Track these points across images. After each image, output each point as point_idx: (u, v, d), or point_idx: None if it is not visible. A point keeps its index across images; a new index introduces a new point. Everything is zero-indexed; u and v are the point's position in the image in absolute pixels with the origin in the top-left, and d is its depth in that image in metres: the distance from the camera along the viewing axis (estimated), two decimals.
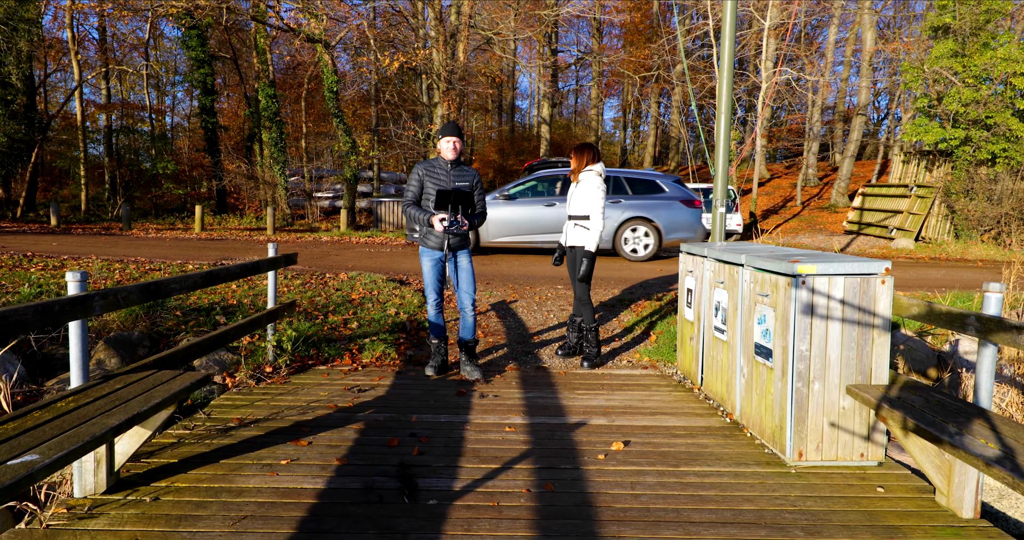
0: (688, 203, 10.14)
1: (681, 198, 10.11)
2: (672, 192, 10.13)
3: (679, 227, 10.02)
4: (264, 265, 4.40)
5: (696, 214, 10.13)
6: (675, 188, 10.22)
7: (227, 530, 2.43)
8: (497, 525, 2.52)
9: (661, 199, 10.10)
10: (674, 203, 10.02)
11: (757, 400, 3.52)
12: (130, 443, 2.69)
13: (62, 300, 2.39)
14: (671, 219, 9.99)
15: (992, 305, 2.62)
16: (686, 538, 2.45)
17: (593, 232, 4.80)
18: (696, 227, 10.10)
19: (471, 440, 3.44)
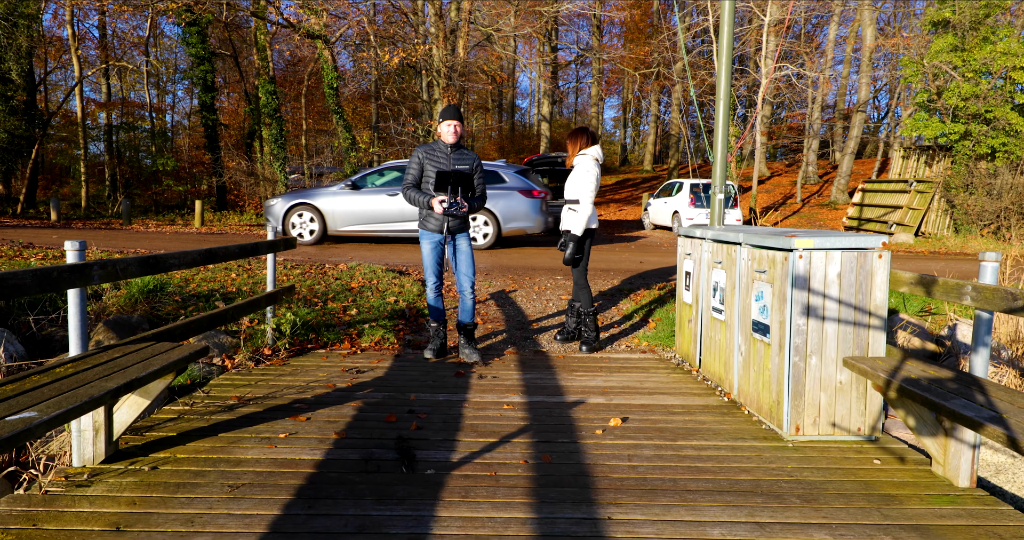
0: (527, 193, 10.25)
1: (520, 188, 10.24)
2: (512, 183, 10.27)
3: (517, 217, 10.18)
4: (263, 247, 4.41)
5: (535, 204, 10.24)
6: (516, 179, 10.36)
7: (225, 496, 2.44)
8: (494, 492, 2.53)
9: (501, 189, 10.24)
10: (513, 194, 10.15)
11: (755, 377, 3.52)
12: (128, 413, 2.69)
13: (60, 267, 2.40)
14: (509, 209, 10.14)
15: (988, 274, 2.63)
16: (683, 505, 2.46)
17: (581, 215, 4.79)
18: (534, 217, 10.20)
19: (469, 417, 3.44)
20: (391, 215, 10.11)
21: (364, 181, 10.42)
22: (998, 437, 2.03)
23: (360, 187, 10.29)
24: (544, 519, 2.32)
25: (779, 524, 2.32)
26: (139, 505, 2.35)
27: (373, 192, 10.23)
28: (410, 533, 2.20)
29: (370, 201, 10.17)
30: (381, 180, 10.44)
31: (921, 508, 2.46)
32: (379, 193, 10.20)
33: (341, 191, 10.22)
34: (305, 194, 10.30)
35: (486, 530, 2.23)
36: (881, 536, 2.24)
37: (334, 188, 10.30)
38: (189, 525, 2.21)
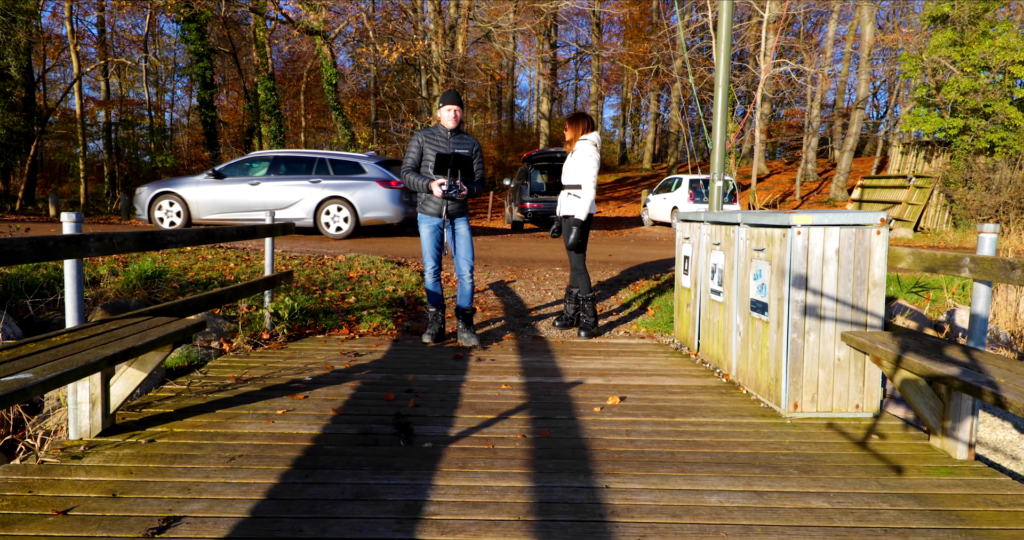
0: (385, 184, 10.39)
1: (379, 179, 10.38)
2: (371, 173, 10.42)
3: (374, 207, 10.33)
4: (261, 230, 4.40)
5: (393, 195, 10.39)
6: (376, 170, 10.50)
7: (222, 467, 2.43)
8: (492, 464, 2.53)
9: (360, 180, 10.39)
10: (371, 184, 10.29)
11: (753, 356, 3.52)
12: (125, 385, 2.69)
13: (57, 236, 2.39)
14: (367, 199, 10.26)
15: (986, 245, 2.62)
16: (680, 475, 2.45)
17: (584, 201, 4.80)
18: (391, 206, 10.36)
19: (467, 396, 3.44)
20: (254, 204, 10.24)
21: (228, 171, 10.56)
22: (996, 400, 2.03)
23: (224, 177, 10.41)
24: (541, 487, 2.31)
25: (777, 493, 2.31)
26: (135, 474, 2.34)
27: (236, 182, 10.35)
28: (407, 500, 2.19)
29: (233, 190, 10.28)
30: (244, 170, 10.58)
31: (919, 478, 2.45)
32: (242, 182, 10.32)
33: (205, 180, 10.34)
34: (170, 183, 10.40)
35: (483, 498, 2.22)
36: (879, 503, 2.23)
37: (199, 178, 10.43)
38: (186, 492, 2.21)
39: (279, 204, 10.13)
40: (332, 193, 10.20)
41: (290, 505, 2.13)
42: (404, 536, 1.95)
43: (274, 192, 10.21)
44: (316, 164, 10.50)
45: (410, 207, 10.68)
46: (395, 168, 10.82)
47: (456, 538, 1.95)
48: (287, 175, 10.42)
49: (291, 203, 10.17)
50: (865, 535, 2.01)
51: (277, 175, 10.39)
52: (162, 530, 1.95)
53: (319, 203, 10.22)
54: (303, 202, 10.15)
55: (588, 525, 2.04)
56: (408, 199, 10.66)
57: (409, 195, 10.72)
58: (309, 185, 10.21)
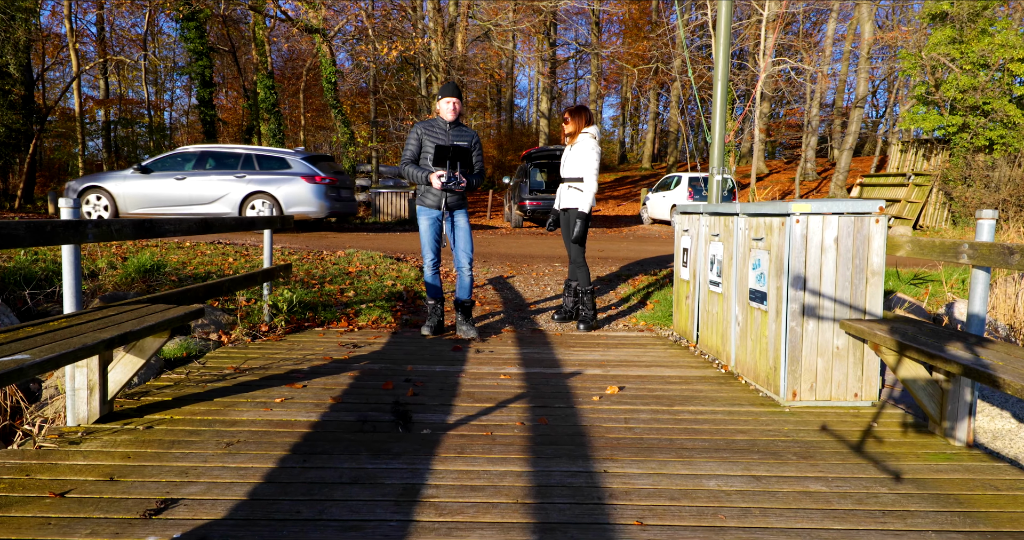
0: (309, 179, 10.46)
1: (304, 174, 10.45)
2: (297, 169, 10.49)
3: (298, 202, 10.37)
4: (260, 222, 4.40)
5: (318, 190, 10.46)
6: (301, 165, 10.57)
7: (220, 452, 2.43)
8: (490, 449, 2.52)
9: (284, 175, 10.47)
10: (296, 179, 10.36)
11: (752, 345, 3.52)
12: (123, 372, 2.68)
13: (54, 221, 2.39)
14: (291, 194, 10.30)
15: (985, 231, 2.62)
16: (679, 460, 2.45)
17: (587, 194, 4.80)
18: (315, 201, 10.43)
19: (465, 385, 3.44)
20: (180, 199, 10.32)
21: (155, 165, 10.62)
22: (992, 382, 2.03)
23: (151, 171, 10.47)
24: (540, 472, 2.31)
25: (775, 477, 2.31)
26: (133, 459, 2.34)
27: (163, 176, 10.41)
28: (405, 483, 2.19)
29: (159, 185, 10.34)
30: (171, 165, 10.63)
31: (918, 464, 2.45)
32: (168, 177, 10.39)
33: (132, 175, 10.39)
34: (97, 177, 10.45)
35: (481, 481, 2.22)
36: (877, 487, 2.23)
37: (126, 172, 10.47)
38: (183, 476, 2.21)
39: (204, 199, 10.19)
40: (257, 188, 10.25)
41: (288, 488, 2.13)
42: (402, 517, 1.95)
43: (200, 187, 10.25)
44: (242, 159, 10.59)
45: (336, 202, 10.77)
46: (322, 164, 10.92)
47: (454, 519, 1.95)
48: (213, 170, 10.49)
49: (216, 198, 10.21)
50: (864, 517, 2.01)
51: (203, 170, 10.44)
52: (159, 511, 1.95)
53: (244, 198, 10.26)
54: (228, 197, 10.19)
55: (586, 507, 2.04)
56: (334, 194, 10.75)
57: (335, 190, 10.82)
58: (234, 180, 10.28)
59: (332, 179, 10.67)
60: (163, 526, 1.86)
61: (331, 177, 10.68)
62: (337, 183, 10.82)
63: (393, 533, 1.85)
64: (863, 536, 1.90)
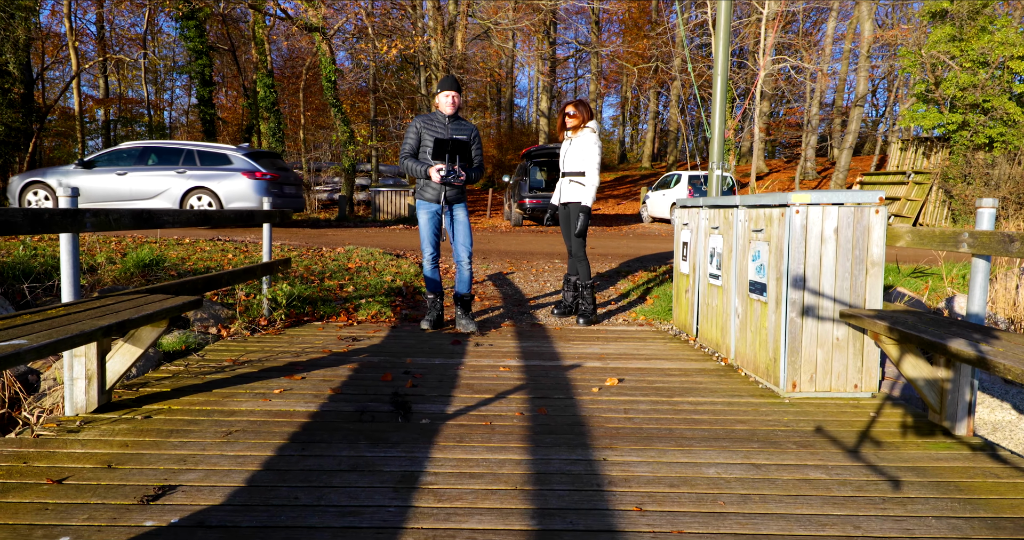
0: (250, 175, 10.53)
1: (245, 170, 10.52)
2: (238, 165, 10.56)
3: (239, 197, 10.45)
4: (259, 216, 4.39)
5: (259, 185, 10.53)
6: (243, 161, 10.63)
7: (218, 440, 2.42)
8: (489, 438, 2.52)
9: (226, 171, 10.52)
10: (237, 175, 10.43)
11: (751, 337, 3.51)
12: (122, 361, 2.68)
13: (52, 210, 2.38)
14: (231, 189, 10.39)
15: (985, 220, 2.62)
16: (678, 449, 2.45)
17: (589, 187, 4.80)
18: (255, 197, 10.49)
19: (465, 377, 3.43)
20: (121, 194, 10.35)
21: (98, 160, 10.65)
22: (993, 368, 2.02)
23: (93, 166, 10.50)
24: (539, 460, 2.31)
25: (775, 465, 2.31)
26: (131, 447, 2.33)
27: (104, 172, 10.42)
28: (404, 471, 2.18)
29: (101, 180, 10.36)
30: (114, 160, 10.66)
31: (918, 453, 2.45)
32: (110, 172, 10.41)
33: (75, 171, 10.42)
34: (39, 172, 10.48)
35: (480, 469, 2.22)
36: (877, 475, 2.23)
37: (69, 167, 10.50)
38: (181, 464, 2.20)
39: (145, 194, 10.22)
40: (197, 183, 10.32)
41: (286, 475, 2.12)
42: (401, 503, 1.94)
43: (141, 182, 10.27)
44: (184, 155, 10.63)
45: (278, 198, 10.78)
46: (265, 160, 10.95)
47: (453, 505, 1.94)
48: (155, 165, 10.52)
49: (157, 193, 10.23)
50: (863, 503, 2.01)
51: (145, 165, 10.46)
52: (157, 497, 1.94)
53: (184, 193, 10.32)
54: (169, 192, 10.22)
55: (586, 494, 2.04)
56: (276, 190, 10.77)
57: (278, 186, 10.84)
58: (175, 175, 10.33)
59: (274, 175, 10.70)
60: (160, 512, 1.86)
61: (273, 173, 10.71)
62: (280, 179, 10.85)
63: (391, 518, 1.85)
64: (863, 521, 1.89)
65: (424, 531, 1.78)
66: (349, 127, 18.38)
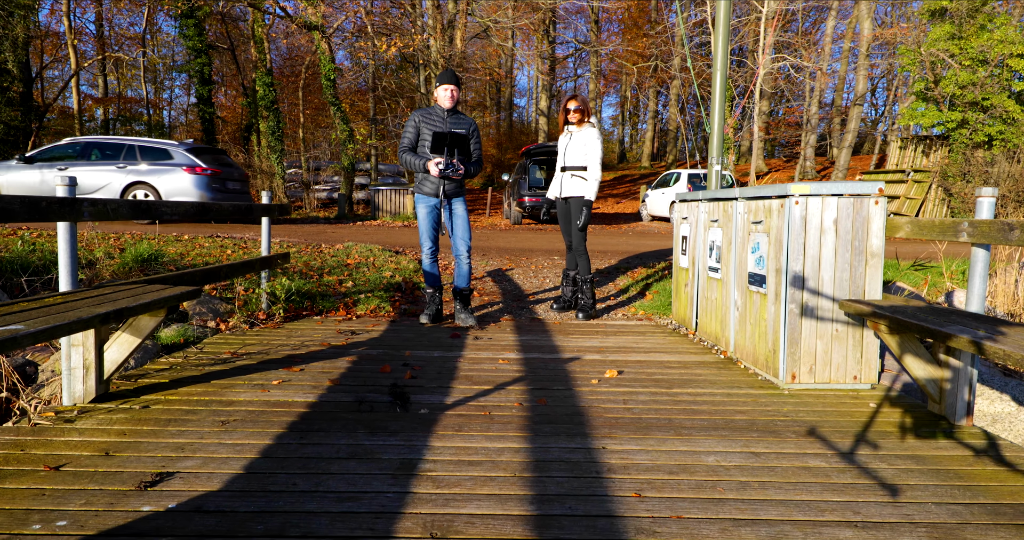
0: (191, 170, 10.61)
1: (186, 165, 10.60)
2: (179, 160, 10.64)
3: (178, 193, 10.53)
4: (257, 210, 4.39)
5: (199, 181, 10.60)
6: (183, 157, 10.71)
7: (216, 429, 2.41)
8: (488, 427, 2.51)
9: (166, 166, 10.60)
10: (176, 170, 10.52)
11: (751, 330, 3.51)
12: (119, 351, 2.67)
13: (50, 198, 2.38)
14: (171, 185, 10.47)
15: (985, 209, 2.61)
16: (677, 438, 2.44)
17: (592, 182, 4.80)
18: (197, 192, 10.57)
19: (464, 369, 3.42)
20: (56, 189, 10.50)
21: (39, 155, 10.70)
22: (995, 354, 2.02)
23: (34, 161, 10.55)
24: (538, 448, 2.30)
25: (774, 454, 2.30)
26: (129, 436, 2.32)
27: (45, 166, 10.47)
28: (402, 458, 2.18)
29: (41, 175, 10.40)
30: (56, 155, 10.69)
31: (918, 442, 2.44)
32: (51, 167, 10.45)
33: (16, 165, 10.48)
34: None
35: (479, 457, 2.21)
36: (877, 463, 2.22)
37: (10, 162, 10.57)
38: (179, 451, 2.19)
39: (85, 189, 10.25)
40: (137, 179, 10.36)
41: (284, 463, 2.12)
42: (399, 489, 1.94)
43: (81, 177, 10.28)
44: (125, 150, 10.68)
45: (220, 194, 10.83)
46: (206, 156, 10.99)
47: (451, 491, 1.93)
48: (96, 161, 10.55)
49: (97, 188, 10.26)
50: (863, 490, 2.00)
51: (86, 161, 10.50)
52: (155, 483, 1.93)
53: (124, 188, 10.35)
54: (109, 187, 10.26)
55: (585, 481, 2.03)
56: (217, 186, 10.80)
57: (220, 181, 10.88)
58: (116, 171, 10.38)
59: (215, 170, 10.76)
60: (158, 497, 1.85)
61: (214, 168, 10.76)
62: (221, 174, 10.91)
63: (390, 504, 1.84)
64: (862, 507, 1.88)
65: (423, 516, 1.78)
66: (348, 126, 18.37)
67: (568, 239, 5.04)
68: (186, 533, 1.65)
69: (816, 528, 1.76)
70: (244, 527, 1.69)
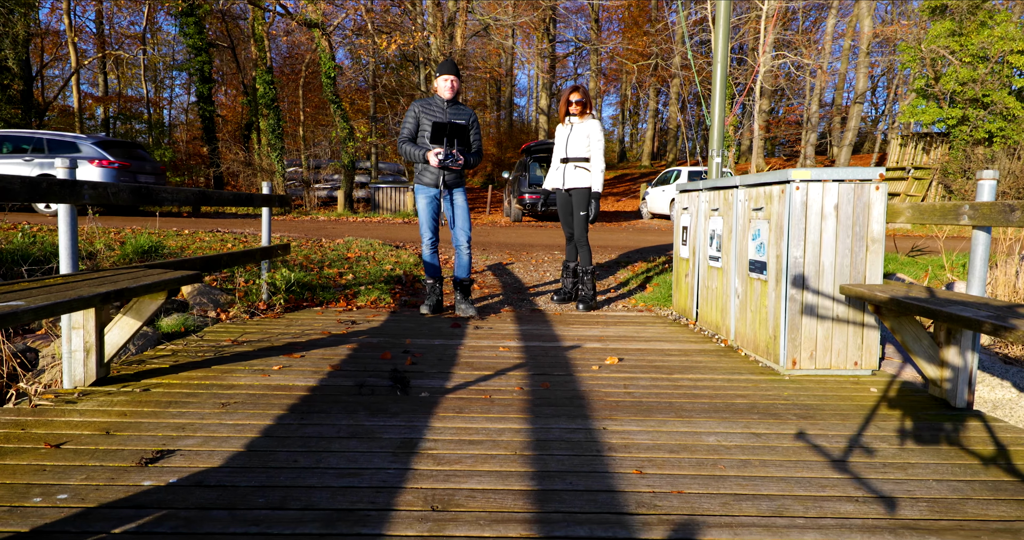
0: (99, 163, 10.65)
1: (93, 158, 10.64)
2: (86, 153, 10.67)
3: None
4: (258, 199, 4.39)
5: (107, 174, 10.63)
6: (91, 149, 10.75)
7: (216, 411, 2.41)
8: (488, 409, 2.51)
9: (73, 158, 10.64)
10: (84, 163, 10.54)
11: (751, 317, 3.51)
12: (120, 334, 2.67)
13: (50, 179, 2.38)
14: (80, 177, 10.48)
15: (985, 191, 2.61)
16: (678, 419, 2.44)
17: (596, 173, 4.81)
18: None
19: (464, 356, 3.42)
20: None
21: None
22: (995, 330, 2.02)
23: None
24: (538, 428, 2.30)
25: (775, 434, 2.30)
26: (129, 416, 2.32)
27: None
28: (403, 438, 2.18)
29: None
30: None
31: (919, 423, 2.44)
32: None
33: None
34: None
35: (480, 437, 2.21)
36: (878, 443, 2.22)
37: None
38: (180, 431, 2.19)
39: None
40: (43, 171, 10.34)
41: (285, 441, 2.12)
42: (400, 466, 1.93)
43: None
44: (32, 143, 10.73)
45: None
46: (116, 149, 11.03)
47: (452, 468, 1.93)
48: (5, 154, 10.57)
49: None
50: (864, 468, 2.00)
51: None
52: (155, 460, 1.93)
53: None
54: None
55: (585, 458, 2.03)
56: (127, 179, 10.84)
57: (129, 174, 10.91)
58: (22, 163, 10.41)
59: (124, 163, 10.79)
60: (159, 473, 1.85)
61: (123, 161, 10.80)
62: (131, 167, 10.95)
63: (391, 479, 1.84)
64: (864, 483, 1.88)
65: (423, 490, 1.78)
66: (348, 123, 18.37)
67: (569, 230, 5.04)
68: (187, 505, 1.65)
69: (817, 502, 1.76)
70: (245, 500, 1.69)
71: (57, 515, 1.59)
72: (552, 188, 5.12)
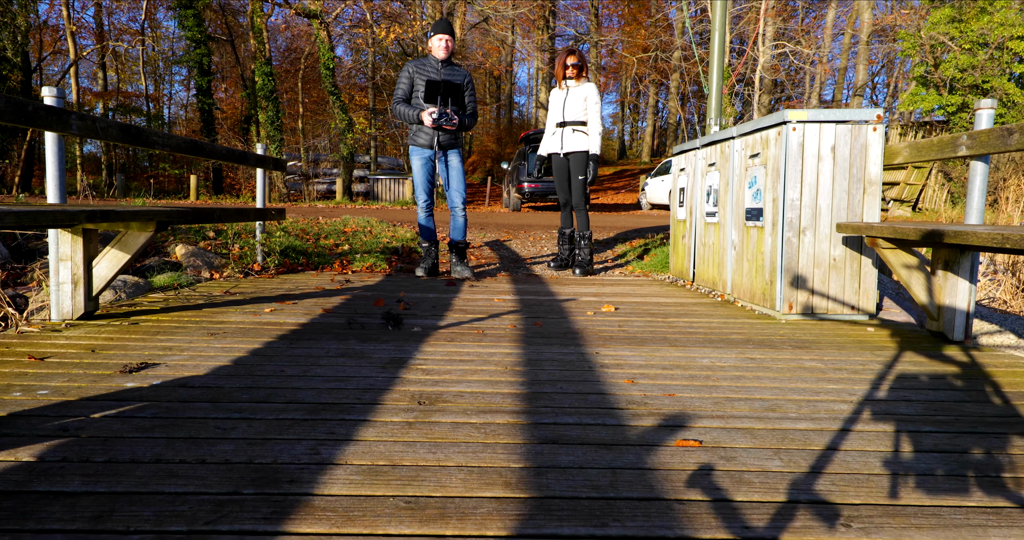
0: None
1: None
2: None
3: None
4: (252, 158, 4.36)
5: None
6: None
7: (204, 337, 2.38)
8: (480, 340, 2.48)
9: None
10: None
11: (748, 266, 3.48)
12: (108, 267, 2.64)
13: (37, 103, 2.35)
14: None
15: (983, 120, 2.58)
16: (672, 348, 2.41)
17: (594, 136, 4.78)
18: None
19: (458, 305, 3.39)
20: None
21: None
22: (992, 238, 1.99)
23: None
24: (531, 351, 2.27)
25: (770, 358, 2.27)
26: (116, 340, 2.30)
27: None
28: (393, 357, 2.15)
29: None
30: None
31: (915, 354, 2.41)
32: None
33: None
34: None
35: (471, 356, 2.18)
36: (873, 365, 2.19)
37: None
38: (167, 351, 2.16)
39: None
40: None
41: (273, 359, 2.09)
42: (388, 375, 1.91)
43: None
44: None
45: None
46: None
47: (442, 378, 1.90)
48: None
49: None
50: (858, 382, 1.97)
51: None
52: (140, 369, 1.90)
53: None
54: None
55: (577, 371, 2.00)
56: None
57: None
58: None
59: None
60: (142, 378, 1.82)
61: None
62: None
63: (378, 383, 1.81)
64: (858, 392, 1.85)
65: (411, 392, 1.75)
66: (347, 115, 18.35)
67: (566, 196, 5.00)
68: (170, 399, 1.62)
69: (811, 403, 1.73)
70: (229, 396, 1.66)
71: (36, 404, 1.56)
72: (547, 153, 5.08)
